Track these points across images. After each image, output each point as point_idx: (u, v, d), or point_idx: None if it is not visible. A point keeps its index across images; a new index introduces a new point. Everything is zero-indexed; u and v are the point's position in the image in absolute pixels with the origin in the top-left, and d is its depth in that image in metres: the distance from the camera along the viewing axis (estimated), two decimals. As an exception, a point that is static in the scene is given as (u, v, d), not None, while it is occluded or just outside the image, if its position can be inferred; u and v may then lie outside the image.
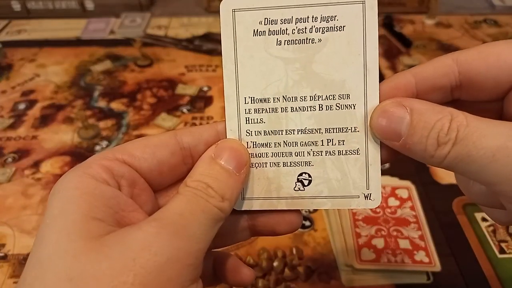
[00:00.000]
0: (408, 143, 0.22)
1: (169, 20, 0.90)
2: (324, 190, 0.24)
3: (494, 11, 0.93)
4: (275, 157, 0.24)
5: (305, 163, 0.24)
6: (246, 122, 0.24)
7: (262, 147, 0.24)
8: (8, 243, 0.46)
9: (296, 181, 0.24)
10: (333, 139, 0.23)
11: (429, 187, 0.51)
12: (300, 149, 0.24)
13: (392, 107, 0.22)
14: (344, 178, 0.24)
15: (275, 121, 0.24)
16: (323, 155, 0.24)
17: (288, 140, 0.24)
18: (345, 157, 0.24)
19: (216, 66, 0.75)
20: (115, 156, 0.23)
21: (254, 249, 0.45)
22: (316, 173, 0.24)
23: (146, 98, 0.67)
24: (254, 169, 0.24)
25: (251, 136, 0.24)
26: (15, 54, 0.79)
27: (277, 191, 0.24)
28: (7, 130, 0.61)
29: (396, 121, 0.22)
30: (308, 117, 0.24)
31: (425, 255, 0.41)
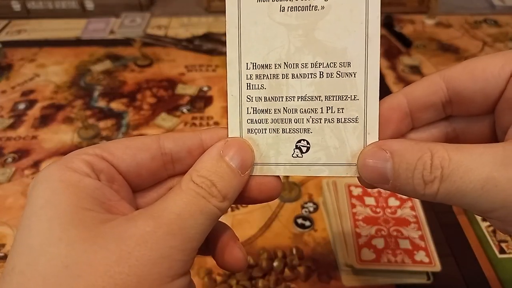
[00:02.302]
0: (396, 186, 0.22)
1: (169, 20, 0.90)
2: (322, 158, 0.24)
3: (494, 11, 0.93)
4: (274, 123, 0.24)
5: (304, 130, 0.24)
6: (247, 88, 0.24)
7: (262, 113, 0.24)
8: (8, 243, 0.46)
9: (294, 148, 0.24)
10: (333, 107, 0.24)
11: (429, 187, 0.51)
12: (300, 116, 0.24)
13: (374, 153, 0.23)
14: (342, 146, 0.24)
15: (275, 87, 0.24)
16: (322, 122, 0.24)
17: (288, 106, 0.24)
18: (343, 125, 0.24)
19: (216, 66, 0.75)
20: (95, 152, 0.23)
21: (254, 249, 0.45)
22: (315, 140, 0.24)
23: (146, 98, 0.67)
24: (253, 134, 0.24)
25: (251, 102, 0.24)
26: (15, 54, 0.79)
27: (276, 157, 0.24)
28: (7, 130, 0.61)
29: (380, 166, 0.22)
30: (308, 84, 0.24)
31: (425, 255, 0.41)
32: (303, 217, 0.48)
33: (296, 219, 0.48)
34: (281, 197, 0.50)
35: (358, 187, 0.48)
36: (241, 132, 0.25)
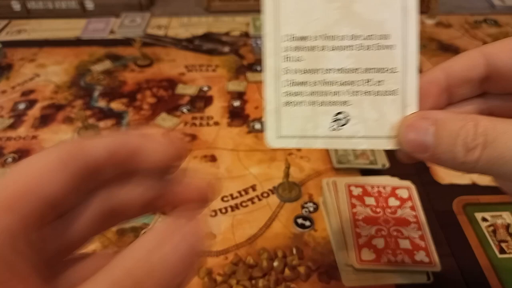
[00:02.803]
0: (436, 153, 0.22)
1: (169, 20, 0.90)
2: (360, 130, 0.24)
3: (494, 11, 0.93)
4: (312, 96, 0.24)
5: (342, 102, 0.24)
6: (285, 60, 0.24)
7: (300, 86, 0.24)
8: (8, 243, 0.46)
9: (332, 121, 0.24)
10: (371, 79, 0.24)
11: (430, 187, 0.51)
12: (338, 89, 0.24)
13: (416, 121, 0.23)
14: (381, 118, 0.24)
15: (314, 59, 0.24)
16: (360, 95, 0.24)
17: (326, 79, 0.24)
18: (382, 98, 0.24)
19: (216, 66, 0.75)
20: None
21: (254, 249, 0.45)
22: (353, 113, 0.24)
23: (146, 98, 0.67)
24: (290, 107, 0.24)
25: (288, 74, 0.24)
26: (15, 54, 0.79)
27: (314, 130, 0.24)
28: (7, 130, 0.61)
29: (422, 134, 0.22)
30: (347, 56, 0.23)
31: (425, 255, 0.41)
32: (303, 217, 0.48)
33: (296, 219, 0.48)
34: (281, 197, 0.50)
35: (358, 187, 0.48)
36: (278, 105, 0.24)
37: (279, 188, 0.51)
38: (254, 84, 0.70)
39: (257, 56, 0.77)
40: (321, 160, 0.55)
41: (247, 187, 0.52)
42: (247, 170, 0.54)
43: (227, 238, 0.46)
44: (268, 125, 0.25)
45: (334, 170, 0.53)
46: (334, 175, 0.53)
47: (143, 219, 0.48)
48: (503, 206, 0.49)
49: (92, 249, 0.45)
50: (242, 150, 0.57)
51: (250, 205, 0.50)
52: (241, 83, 0.70)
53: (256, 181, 0.53)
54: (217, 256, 0.44)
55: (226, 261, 0.44)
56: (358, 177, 0.52)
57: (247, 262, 0.43)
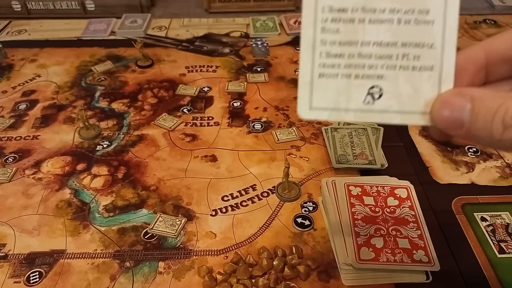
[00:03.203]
0: (472, 130, 0.22)
1: (170, 21, 0.90)
2: (394, 105, 0.24)
3: (494, 11, 0.93)
4: (347, 68, 0.24)
5: (378, 76, 0.24)
6: (322, 32, 0.24)
7: (335, 58, 0.24)
8: (9, 243, 0.46)
9: (366, 94, 0.24)
10: (409, 54, 0.23)
11: (428, 187, 0.51)
12: (374, 62, 0.24)
13: (452, 97, 0.22)
14: (415, 94, 0.23)
15: (351, 32, 0.23)
16: (396, 69, 0.23)
17: (363, 52, 0.24)
18: (418, 73, 0.23)
19: (216, 66, 0.75)
20: None
21: (254, 248, 0.45)
22: (388, 87, 0.24)
23: (147, 99, 0.68)
24: (324, 79, 0.24)
25: (325, 46, 0.24)
26: (16, 54, 0.79)
27: (346, 102, 0.24)
28: (7, 130, 0.62)
29: (457, 110, 0.22)
30: (385, 30, 0.23)
31: (424, 254, 0.41)
32: (302, 217, 0.48)
33: (295, 218, 0.48)
34: (281, 196, 0.50)
35: (358, 186, 0.48)
36: (312, 77, 0.24)
37: (279, 188, 0.51)
38: (254, 85, 0.70)
39: (257, 57, 0.77)
40: (321, 160, 0.55)
41: (247, 187, 0.52)
42: (247, 170, 0.54)
43: (227, 237, 0.46)
44: (300, 96, 0.24)
45: (333, 170, 0.54)
46: (334, 175, 0.53)
47: (143, 219, 0.48)
48: (502, 206, 0.49)
49: (93, 249, 0.45)
50: (242, 150, 0.58)
51: (250, 205, 0.50)
52: (241, 84, 0.70)
53: (256, 180, 0.53)
54: (218, 255, 0.45)
55: (227, 260, 0.44)
56: (357, 177, 0.52)
57: (247, 261, 0.43)
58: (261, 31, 0.85)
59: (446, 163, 0.55)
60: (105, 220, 0.48)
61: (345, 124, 0.59)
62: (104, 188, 0.52)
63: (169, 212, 0.49)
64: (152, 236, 0.47)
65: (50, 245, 0.46)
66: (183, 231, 0.47)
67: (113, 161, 0.56)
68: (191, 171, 0.55)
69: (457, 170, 0.54)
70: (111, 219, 0.49)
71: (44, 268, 0.44)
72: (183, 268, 0.43)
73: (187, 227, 0.47)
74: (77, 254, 0.45)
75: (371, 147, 0.55)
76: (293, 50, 0.79)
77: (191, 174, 0.54)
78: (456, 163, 0.55)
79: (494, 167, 0.54)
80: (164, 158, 0.56)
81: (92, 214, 0.49)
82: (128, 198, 0.51)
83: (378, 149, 0.55)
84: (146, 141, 0.59)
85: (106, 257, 0.45)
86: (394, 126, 0.61)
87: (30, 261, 0.44)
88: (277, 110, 0.64)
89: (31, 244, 0.46)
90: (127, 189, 0.52)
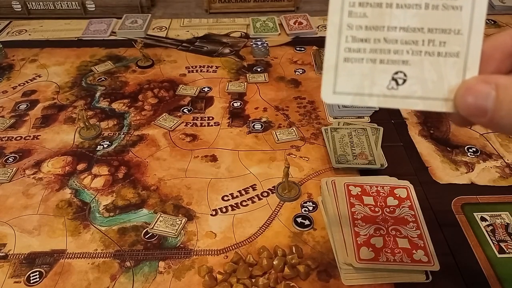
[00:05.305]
0: (495, 118, 0.22)
1: (170, 22, 0.91)
2: (418, 91, 0.23)
3: (494, 11, 0.93)
4: (372, 53, 0.24)
5: (403, 62, 0.23)
6: (349, 16, 0.24)
7: (361, 43, 0.24)
8: (9, 242, 0.46)
9: (390, 79, 0.24)
10: (435, 40, 0.23)
11: (428, 187, 0.51)
12: (400, 47, 0.23)
13: (476, 84, 0.22)
14: (440, 80, 0.23)
15: (378, 16, 0.23)
16: (422, 55, 0.23)
17: (389, 37, 0.23)
18: (444, 59, 0.23)
19: (216, 67, 0.75)
20: None
21: (254, 248, 0.45)
22: (412, 73, 0.23)
23: (147, 99, 0.68)
24: (349, 64, 0.24)
25: (351, 30, 0.24)
26: (16, 55, 0.79)
27: (370, 87, 0.24)
28: (8, 130, 0.62)
29: (482, 98, 0.22)
30: (412, 15, 0.23)
31: (424, 254, 0.41)
32: (302, 216, 0.48)
33: (295, 218, 0.48)
34: (281, 196, 0.50)
35: (357, 186, 0.48)
36: (337, 61, 0.24)
37: (278, 188, 0.51)
38: (254, 85, 0.70)
39: (257, 57, 0.77)
40: (320, 160, 0.56)
41: (247, 187, 0.52)
42: (247, 170, 0.55)
43: (227, 237, 0.46)
44: (325, 80, 0.24)
45: (333, 170, 0.54)
46: (333, 175, 0.53)
47: (144, 219, 0.49)
48: (502, 206, 0.49)
49: (93, 249, 0.45)
50: (242, 150, 0.58)
51: (250, 205, 0.50)
52: (241, 84, 0.70)
53: (256, 180, 0.53)
54: (218, 254, 0.45)
55: (227, 260, 0.44)
56: (357, 176, 0.52)
57: (247, 260, 0.43)
58: (261, 32, 0.85)
59: (446, 163, 0.55)
60: (106, 220, 0.49)
61: (345, 124, 0.59)
62: (104, 188, 0.52)
63: (169, 212, 0.49)
64: (152, 236, 0.47)
65: (50, 245, 0.46)
66: (183, 231, 0.47)
67: (114, 161, 0.56)
68: (191, 171, 0.55)
69: (456, 170, 0.54)
70: (112, 219, 0.49)
71: (44, 268, 0.44)
72: (183, 268, 0.43)
73: (187, 227, 0.48)
74: (78, 254, 0.45)
75: (370, 147, 0.55)
76: (293, 50, 0.80)
77: (191, 174, 0.54)
78: (455, 163, 0.55)
79: (494, 167, 0.54)
80: (165, 158, 0.57)
81: (93, 214, 0.49)
82: (129, 198, 0.51)
83: (378, 149, 0.55)
84: (146, 141, 0.59)
85: (107, 257, 0.45)
86: (393, 126, 0.61)
87: (30, 261, 0.44)
88: (277, 110, 0.65)
89: (32, 244, 0.46)
90: (127, 189, 0.52)
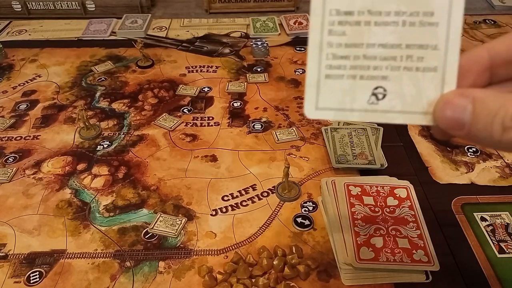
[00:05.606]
0: (472, 131, 0.22)
1: (170, 22, 0.91)
2: (397, 105, 0.24)
3: (494, 11, 0.93)
4: (352, 69, 0.24)
5: (382, 77, 0.24)
6: (329, 34, 0.24)
7: (341, 60, 0.24)
8: (9, 242, 0.46)
9: (371, 95, 0.24)
10: (413, 56, 0.24)
11: (428, 187, 0.51)
12: (379, 63, 0.24)
13: (454, 98, 0.23)
14: (418, 94, 0.24)
15: (357, 34, 0.24)
16: (400, 70, 0.24)
17: (368, 54, 0.24)
18: (422, 74, 0.24)
19: (216, 67, 0.75)
20: None
21: (254, 248, 0.45)
22: (392, 88, 0.24)
23: (147, 99, 0.68)
24: (330, 80, 0.25)
25: (332, 48, 0.24)
26: (16, 55, 0.79)
27: (351, 103, 0.24)
28: (8, 130, 0.62)
29: (459, 111, 0.22)
30: (390, 32, 0.24)
31: (424, 254, 0.41)
32: (302, 216, 0.48)
33: (295, 218, 0.48)
34: (281, 196, 0.50)
35: (357, 186, 0.48)
36: (319, 78, 0.25)
37: (278, 188, 0.51)
38: (254, 85, 0.70)
39: (257, 57, 0.77)
40: (320, 160, 0.56)
41: (247, 187, 0.52)
42: (247, 170, 0.55)
43: (227, 237, 0.46)
44: (307, 97, 0.25)
45: (333, 170, 0.54)
46: (333, 175, 0.53)
47: (144, 219, 0.49)
48: (502, 206, 0.49)
49: (93, 249, 0.45)
50: (242, 150, 0.58)
51: (250, 205, 0.50)
52: (241, 84, 0.70)
53: (256, 180, 0.53)
54: (218, 254, 0.45)
55: (227, 260, 0.44)
56: (357, 176, 0.52)
57: (247, 260, 0.43)
58: (261, 32, 0.85)
59: (446, 163, 0.55)
60: (106, 220, 0.49)
61: (345, 124, 0.59)
62: (104, 188, 0.52)
63: (169, 212, 0.49)
64: (152, 236, 0.47)
65: (50, 245, 0.46)
66: (183, 230, 0.47)
67: (114, 161, 0.56)
68: (191, 171, 0.55)
69: (456, 170, 0.54)
70: (112, 219, 0.49)
71: (44, 268, 0.44)
72: (183, 268, 0.43)
73: (187, 226, 0.48)
74: (78, 254, 0.45)
75: (370, 147, 0.55)
76: (293, 50, 0.80)
77: (191, 174, 0.54)
78: (455, 163, 0.55)
79: (494, 167, 0.54)
80: (165, 158, 0.57)
81: (93, 214, 0.49)
82: (129, 198, 0.51)
83: (378, 149, 0.55)
84: (146, 141, 0.59)
85: (107, 257, 0.45)
86: (394, 126, 0.61)
87: (30, 261, 0.44)
88: (277, 110, 0.65)
89: (32, 244, 0.46)
90: (127, 189, 0.52)
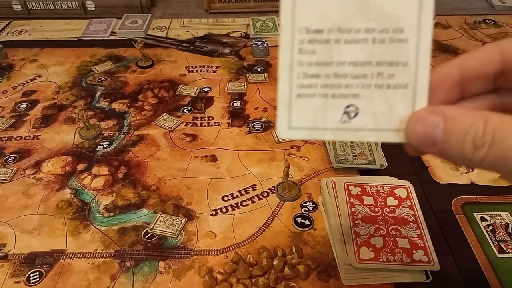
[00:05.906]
0: (445, 148, 0.22)
1: (170, 22, 0.91)
2: (369, 123, 0.24)
3: (494, 11, 0.93)
4: (324, 88, 0.24)
5: (353, 95, 0.24)
6: (299, 53, 0.24)
7: (312, 78, 0.24)
8: (9, 242, 0.46)
9: (343, 113, 0.24)
10: (383, 73, 0.24)
11: (428, 187, 0.51)
12: (350, 82, 0.24)
13: (425, 115, 0.23)
14: (390, 111, 0.24)
15: (327, 52, 0.24)
16: (371, 88, 0.24)
17: (339, 72, 0.24)
18: (393, 91, 0.24)
19: (216, 67, 0.75)
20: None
21: (254, 248, 0.45)
22: (363, 106, 0.24)
23: (147, 99, 0.68)
24: (302, 99, 0.24)
25: (302, 67, 0.24)
26: (16, 55, 0.79)
27: (324, 122, 0.24)
28: (8, 130, 0.62)
29: (431, 129, 0.22)
30: (360, 49, 0.24)
31: (424, 254, 0.41)
32: (302, 216, 0.48)
33: (295, 218, 0.48)
34: (281, 196, 0.50)
35: (357, 186, 0.48)
36: (290, 97, 0.24)
37: (279, 188, 0.51)
38: (254, 85, 0.70)
39: (257, 57, 0.77)
40: (320, 160, 0.56)
41: (247, 187, 0.52)
42: (247, 170, 0.55)
43: (227, 237, 0.46)
44: (279, 116, 0.25)
45: (333, 170, 0.54)
46: (333, 175, 0.53)
47: (144, 219, 0.49)
48: (502, 206, 0.49)
49: (93, 249, 0.45)
50: (242, 150, 0.58)
51: (250, 205, 0.50)
52: (241, 84, 0.70)
53: (256, 180, 0.53)
54: (218, 254, 0.45)
55: (227, 260, 0.44)
56: (357, 176, 0.52)
57: (247, 260, 0.43)
58: (261, 32, 0.85)
59: (446, 163, 0.55)
60: (106, 220, 0.49)
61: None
62: (104, 188, 0.52)
63: (169, 212, 0.49)
64: (152, 236, 0.47)
65: (50, 245, 0.46)
66: (183, 230, 0.47)
67: (114, 161, 0.56)
68: (191, 171, 0.55)
69: (456, 170, 0.54)
70: (112, 219, 0.49)
71: (44, 268, 0.44)
72: (183, 268, 0.43)
73: (187, 226, 0.48)
74: (78, 254, 0.45)
75: (370, 147, 0.55)
76: (293, 50, 0.79)
77: (191, 174, 0.54)
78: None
79: (494, 167, 0.54)
80: (165, 158, 0.57)
81: (93, 214, 0.49)
82: (129, 198, 0.51)
83: (378, 149, 0.55)
84: (146, 141, 0.59)
85: (107, 257, 0.45)
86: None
87: (30, 261, 0.44)
88: (277, 110, 0.64)
89: (31, 244, 0.46)
90: (127, 189, 0.52)
